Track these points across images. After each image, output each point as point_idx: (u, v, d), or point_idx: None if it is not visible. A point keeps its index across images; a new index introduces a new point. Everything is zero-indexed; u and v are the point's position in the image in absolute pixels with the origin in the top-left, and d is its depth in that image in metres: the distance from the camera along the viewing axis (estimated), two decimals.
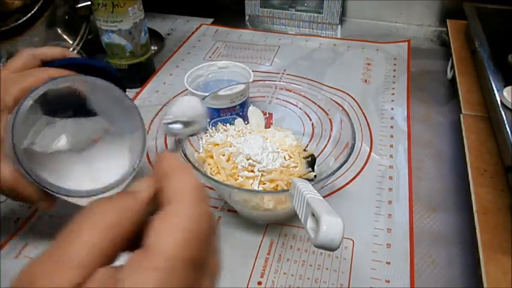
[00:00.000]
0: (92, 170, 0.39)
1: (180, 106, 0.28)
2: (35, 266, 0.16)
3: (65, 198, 0.34)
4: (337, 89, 0.64)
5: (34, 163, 0.33)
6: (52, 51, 0.39)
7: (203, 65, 0.57)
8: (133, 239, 0.18)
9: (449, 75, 0.64)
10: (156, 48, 0.76)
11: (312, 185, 0.32)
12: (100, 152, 0.40)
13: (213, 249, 0.19)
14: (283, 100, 0.53)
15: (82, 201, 0.35)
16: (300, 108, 0.52)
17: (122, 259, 0.17)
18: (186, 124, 0.27)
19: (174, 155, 0.21)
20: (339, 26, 0.82)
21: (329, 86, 0.65)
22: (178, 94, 0.63)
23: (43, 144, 0.38)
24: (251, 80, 0.54)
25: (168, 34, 0.82)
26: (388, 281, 0.39)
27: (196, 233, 0.17)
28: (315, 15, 0.82)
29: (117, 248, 0.17)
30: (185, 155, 0.42)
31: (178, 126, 0.27)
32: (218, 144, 0.47)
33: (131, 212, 0.18)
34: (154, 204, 0.19)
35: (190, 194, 0.18)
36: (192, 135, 0.29)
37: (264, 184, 0.42)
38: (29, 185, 0.33)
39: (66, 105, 0.39)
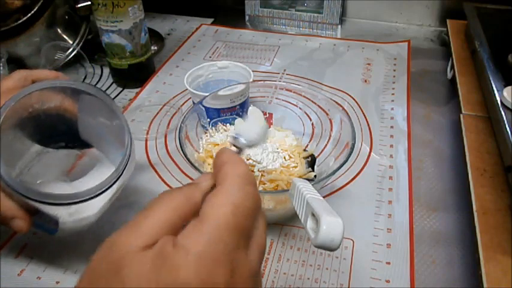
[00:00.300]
0: (75, 183, 0.38)
1: (248, 122, 0.34)
2: (116, 234, 0.20)
3: (44, 208, 0.32)
4: (337, 89, 0.64)
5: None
6: (46, 74, 0.39)
7: (203, 65, 0.57)
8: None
9: (449, 75, 0.64)
10: (156, 48, 0.76)
11: (312, 185, 0.32)
12: (85, 168, 0.40)
13: (260, 225, 0.22)
14: (283, 100, 0.53)
15: (63, 214, 0.33)
16: (300, 108, 0.52)
17: None
18: (249, 138, 0.32)
19: (230, 150, 0.25)
20: (339, 26, 0.82)
21: (329, 86, 0.65)
22: (178, 94, 0.63)
23: (31, 176, 0.37)
24: (251, 80, 0.54)
25: (168, 34, 0.82)
26: (388, 281, 0.39)
27: (242, 207, 0.21)
28: (315, 15, 0.82)
29: (181, 224, 0.21)
30: (185, 155, 0.42)
31: (242, 139, 0.32)
32: (218, 144, 0.47)
33: (194, 197, 0.22)
34: None
35: (239, 177, 0.22)
36: (249, 147, 0.33)
37: (264, 184, 0.42)
38: (5, 200, 0.32)
39: (57, 135, 0.39)
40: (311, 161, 0.47)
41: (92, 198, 0.33)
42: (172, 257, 0.18)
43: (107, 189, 0.34)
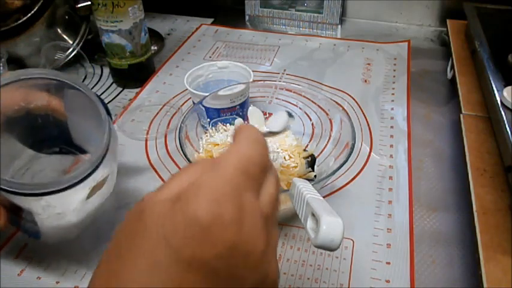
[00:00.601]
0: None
1: (274, 118, 0.37)
2: (150, 193, 0.22)
3: (15, 199, 0.32)
4: (337, 89, 0.64)
5: None
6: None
7: (203, 65, 0.57)
8: None
9: (449, 75, 0.64)
10: (156, 48, 0.76)
11: (312, 185, 0.32)
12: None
13: (270, 179, 0.24)
14: (283, 100, 0.53)
15: (35, 206, 0.32)
16: (300, 108, 0.52)
17: None
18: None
19: (248, 124, 0.26)
20: (339, 26, 0.82)
21: (329, 86, 0.65)
22: (178, 94, 0.63)
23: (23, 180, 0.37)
24: (251, 80, 0.54)
25: (168, 34, 0.82)
26: (388, 281, 0.39)
27: (248, 157, 0.22)
28: (315, 15, 0.82)
29: None
30: (185, 155, 0.42)
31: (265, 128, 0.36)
32: (218, 144, 0.47)
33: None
34: None
35: (247, 137, 0.24)
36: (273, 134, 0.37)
37: None
38: None
39: (51, 141, 0.39)
40: (311, 161, 0.47)
41: (61, 190, 0.32)
42: (186, 194, 0.20)
43: (77, 183, 0.32)
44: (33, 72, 0.35)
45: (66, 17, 0.67)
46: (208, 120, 0.52)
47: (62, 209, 0.34)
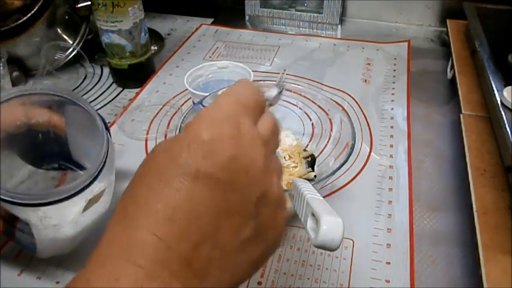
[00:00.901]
0: None
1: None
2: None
3: (11, 208, 0.32)
4: (337, 89, 0.64)
5: None
6: None
7: (203, 65, 0.57)
8: None
9: (449, 75, 0.64)
10: (156, 48, 0.75)
11: (312, 185, 0.32)
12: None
13: (267, 116, 0.26)
14: (283, 100, 0.53)
15: (33, 217, 0.32)
16: (300, 108, 0.52)
17: None
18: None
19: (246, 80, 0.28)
20: (339, 26, 0.82)
21: (329, 86, 0.65)
22: (178, 94, 0.63)
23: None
24: (251, 80, 0.54)
25: (168, 34, 0.82)
26: (388, 281, 0.39)
27: (243, 95, 0.24)
28: (315, 15, 0.82)
29: None
30: None
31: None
32: None
33: None
34: None
35: (242, 81, 0.26)
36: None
37: None
38: None
39: (51, 157, 0.39)
40: (311, 161, 0.47)
41: (58, 201, 0.32)
42: (189, 124, 0.23)
43: (74, 194, 0.33)
44: (34, 87, 0.35)
45: (66, 17, 0.67)
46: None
47: (59, 221, 0.34)
